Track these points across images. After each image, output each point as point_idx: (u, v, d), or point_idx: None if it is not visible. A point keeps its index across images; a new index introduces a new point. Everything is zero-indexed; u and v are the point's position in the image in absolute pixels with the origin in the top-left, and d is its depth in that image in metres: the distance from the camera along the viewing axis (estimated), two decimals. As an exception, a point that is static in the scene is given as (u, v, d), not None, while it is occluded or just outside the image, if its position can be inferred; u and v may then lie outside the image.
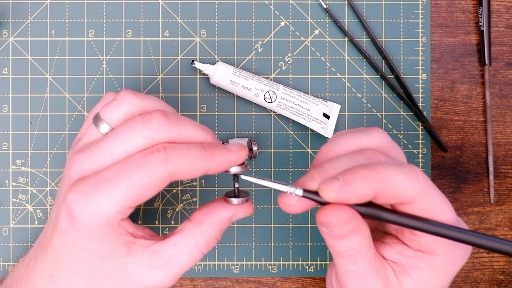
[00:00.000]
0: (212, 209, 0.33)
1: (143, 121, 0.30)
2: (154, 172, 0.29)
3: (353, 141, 0.32)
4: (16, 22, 0.46)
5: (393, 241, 0.33)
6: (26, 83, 0.46)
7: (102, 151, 0.31)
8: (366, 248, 0.31)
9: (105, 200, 0.29)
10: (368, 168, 0.29)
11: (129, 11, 0.46)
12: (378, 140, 0.32)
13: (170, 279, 0.32)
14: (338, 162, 0.31)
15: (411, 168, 0.29)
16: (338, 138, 0.33)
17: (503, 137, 0.47)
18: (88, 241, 0.30)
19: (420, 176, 0.29)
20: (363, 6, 0.47)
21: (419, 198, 0.29)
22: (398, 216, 0.30)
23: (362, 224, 0.30)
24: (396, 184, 0.29)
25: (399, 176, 0.29)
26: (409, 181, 0.29)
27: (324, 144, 0.33)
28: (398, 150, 0.34)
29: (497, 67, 0.47)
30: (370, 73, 0.47)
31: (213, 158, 0.31)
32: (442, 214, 0.30)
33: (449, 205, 0.31)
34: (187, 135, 0.31)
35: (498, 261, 0.47)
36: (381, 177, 0.29)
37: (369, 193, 0.29)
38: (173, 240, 0.32)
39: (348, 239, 0.30)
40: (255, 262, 0.46)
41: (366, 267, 0.31)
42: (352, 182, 0.28)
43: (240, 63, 0.46)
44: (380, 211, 0.30)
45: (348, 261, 0.31)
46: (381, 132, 0.33)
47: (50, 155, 0.46)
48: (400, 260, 0.32)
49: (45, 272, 0.33)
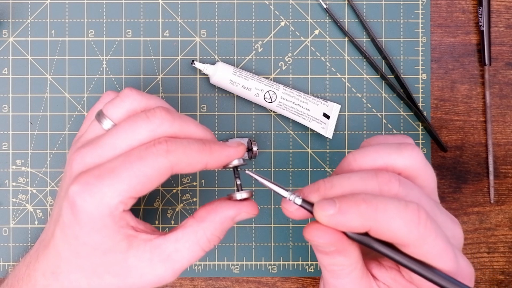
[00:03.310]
0: (216, 207, 0.33)
1: (147, 115, 0.31)
2: (156, 162, 0.30)
3: (381, 157, 0.31)
4: (16, 22, 0.46)
5: (390, 265, 0.32)
6: (26, 83, 0.46)
7: (105, 144, 0.31)
8: (350, 268, 0.30)
9: (108, 190, 0.30)
10: (367, 203, 0.28)
11: (129, 11, 0.46)
12: (409, 160, 0.30)
13: (170, 275, 0.32)
14: (347, 180, 0.30)
15: (415, 212, 0.28)
16: (368, 150, 0.31)
17: (503, 137, 0.47)
18: (90, 234, 0.30)
19: (421, 224, 0.28)
20: (363, 6, 0.47)
21: (414, 245, 0.28)
22: (391, 251, 0.29)
23: (349, 247, 0.30)
24: (391, 227, 0.28)
25: (397, 220, 0.28)
26: (406, 227, 0.28)
27: (351, 152, 0.32)
28: (429, 172, 0.31)
29: (497, 67, 0.47)
30: (370, 73, 0.47)
31: (212, 152, 0.31)
32: (439, 263, 0.29)
33: (449, 252, 0.29)
34: (188, 131, 0.32)
35: (498, 261, 0.47)
36: (377, 216, 0.28)
37: (360, 228, 0.28)
38: (175, 236, 0.32)
39: (331, 257, 0.30)
40: (255, 262, 0.46)
41: (348, 285, 0.31)
42: (346, 212, 0.28)
43: (240, 63, 0.46)
44: (373, 241, 0.29)
45: (330, 275, 0.31)
46: (415, 151, 0.31)
47: (50, 155, 0.46)
48: (392, 284, 0.32)
49: (47, 269, 0.33)
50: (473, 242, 0.47)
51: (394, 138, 0.33)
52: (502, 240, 0.47)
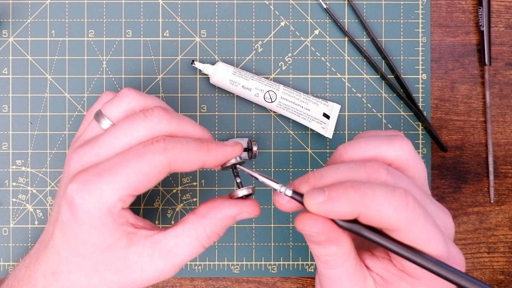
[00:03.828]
0: (218, 205, 0.33)
1: (145, 114, 0.32)
2: (154, 160, 0.30)
3: (371, 148, 0.31)
4: (16, 22, 0.46)
5: (382, 255, 0.32)
6: (26, 83, 0.46)
7: (103, 143, 0.32)
8: (343, 258, 0.31)
9: (106, 187, 0.30)
10: (355, 189, 0.28)
11: (129, 11, 0.46)
12: (399, 151, 0.31)
13: (170, 269, 0.32)
14: (336, 170, 0.30)
15: (402, 197, 0.28)
16: (358, 141, 0.32)
17: (503, 137, 0.47)
18: (90, 232, 0.31)
19: (410, 207, 0.28)
20: (363, 6, 0.47)
21: (403, 229, 0.28)
22: (381, 237, 0.29)
23: (341, 236, 0.30)
24: (380, 211, 0.28)
25: (385, 204, 0.28)
26: (395, 211, 0.28)
27: (342, 144, 0.32)
28: (419, 164, 0.32)
29: (497, 67, 0.47)
30: (370, 73, 0.47)
31: (210, 150, 0.32)
32: (429, 247, 0.29)
33: (439, 237, 0.29)
34: (186, 130, 0.33)
35: (498, 261, 0.47)
36: (366, 201, 0.28)
37: (350, 214, 0.28)
38: (175, 231, 0.32)
39: (324, 247, 0.30)
40: (255, 262, 0.46)
41: (342, 275, 0.31)
42: (335, 200, 0.28)
43: (240, 63, 0.46)
44: (363, 228, 0.29)
45: (324, 265, 0.31)
46: (405, 143, 0.31)
47: (50, 155, 0.46)
48: (385, 275, 0.32)
49: (47, 269, 0.33)
50: (473, 242, 0.47)
51: (384, 132, 0.33)
52: (502, 240, 0.47)
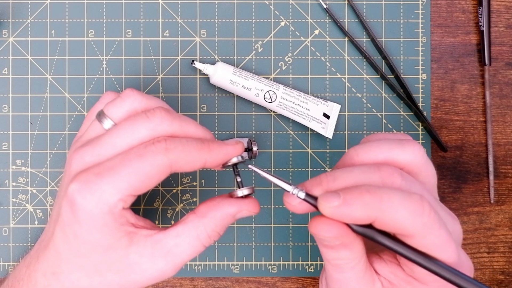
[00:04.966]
0: (217, 204, 0.33)
1: (147, 115, 0.32)
2: (155, 160, 0.30)
3: (383, 152, 0.31)
4: (16, 22, 0.46)
5: (390, 259, 0.32)
6: (26, 83, 0.46)
7: (105, 143, 0.32)
8: (354, 262, 0.30)
9: (107, 187, 0.30)
10: (371, 193, 0.28)
11: (129, 11, 0.46)
12: (411, 156, 0.30)
13: (171, 269, 0.32)
14: (350, 174, 0.30)
15: (419, 202, 0.28)
16: (370, 144, 0.31)
17: (503, 137, 0.47)
18: (90, 232, 0.31)
19: (425, 213, 0.28)
20: (363, 6, 0.47)
21: (418, 235, 0.28)
22: (394, 243, 0.29)
23: (354, 241, 0.30)
24: (396, 217, 0.27)
25: (401, 210, 0.27)
26: (411, 217, 0.27)
27: (353, 147, 0.32)
28: (430, 169, 0.32)
29: (497, 67, 0.47)
30: (370, 73, 0.47)
31: (211, 150, 0.32)
32: (442, 254, 0.29)
33: (452, 244, 0.29)
34: (187, 130, 0.33)
35: (498, 261, 0.47)
36: (382, 206, 0.27)
37: (365, 219, 0.28)
38: (176, 231, 0.32)
39: (336, 251, 0.30)
40: (255, 262, 0.46)
41: (352, 279, 0.31)
42: (351, 204, 0.28)
43: (240, 63, 0.46)
44: (377, 233, 0.29)
45: (334, 269, 0.31)
46: (417, 148, 0.31)
47: (50, 155, 0.46)
48: (393, 279, 0.32)
49: (47, 269, 0.33)
50: (473, 242, 0.47)
51: (394, 135, 0.33)
52: (502, 240, 0.47)
